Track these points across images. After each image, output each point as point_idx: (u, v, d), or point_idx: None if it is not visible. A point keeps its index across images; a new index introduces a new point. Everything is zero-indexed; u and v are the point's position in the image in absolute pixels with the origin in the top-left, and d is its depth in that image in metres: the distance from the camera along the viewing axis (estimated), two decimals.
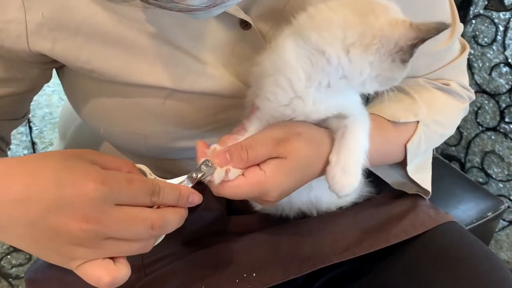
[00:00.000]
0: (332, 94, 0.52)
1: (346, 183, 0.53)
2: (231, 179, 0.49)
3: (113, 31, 0.53)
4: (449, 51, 0.71)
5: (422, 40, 0.47)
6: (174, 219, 0.46)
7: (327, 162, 0.54)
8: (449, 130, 0.72)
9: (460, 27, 0.70)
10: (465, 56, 0.73)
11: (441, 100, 0.71)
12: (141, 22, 0.54)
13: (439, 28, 0.47)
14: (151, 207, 0.45)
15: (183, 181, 0.49)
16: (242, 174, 0.49)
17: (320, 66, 0.50)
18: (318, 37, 0.50)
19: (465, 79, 0.75)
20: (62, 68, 0.62)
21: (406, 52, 0.48)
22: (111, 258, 0.45)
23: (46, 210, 0.41)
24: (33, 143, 1.31)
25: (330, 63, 0.50)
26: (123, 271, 0.44)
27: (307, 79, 0.51)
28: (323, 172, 0.55)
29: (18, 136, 1.29)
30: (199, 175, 0.49)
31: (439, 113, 0.69)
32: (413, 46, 0.48)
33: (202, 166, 0.49)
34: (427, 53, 0.69)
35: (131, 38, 0.54)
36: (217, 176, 0.49)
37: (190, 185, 0.49)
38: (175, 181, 0.49)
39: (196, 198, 0.48)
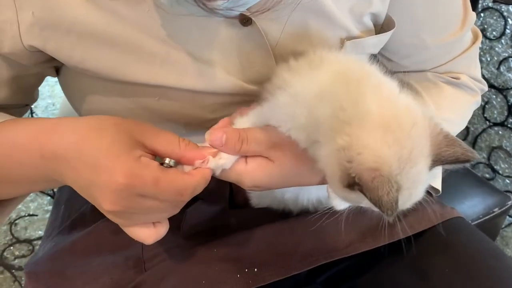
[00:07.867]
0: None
1: None
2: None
3: (106, 30, 0.53)
4: (460, 42, 0.69)
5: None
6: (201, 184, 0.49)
7: (322, 175, 0.53)
8: (459, 127, 0.71)
9: (472, 16, 0.68)
10: (477, 46, 0.71)
11: (451, 96, 0.69)
12: (135, 20, 0.53)
13: None
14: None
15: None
16: None
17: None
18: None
19: (477, 70, 0.73)
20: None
21: None
22: None
23: (88, 182, 0.45)
24: None
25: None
26: (163, 229, 0.50)
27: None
28: (320, 183, 0.55)
29: None
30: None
31: (448, 110, 0.67)
32: None
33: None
34: (435, 46, 0.67)
35: (125, 37, 0.54)
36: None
37: None
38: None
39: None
